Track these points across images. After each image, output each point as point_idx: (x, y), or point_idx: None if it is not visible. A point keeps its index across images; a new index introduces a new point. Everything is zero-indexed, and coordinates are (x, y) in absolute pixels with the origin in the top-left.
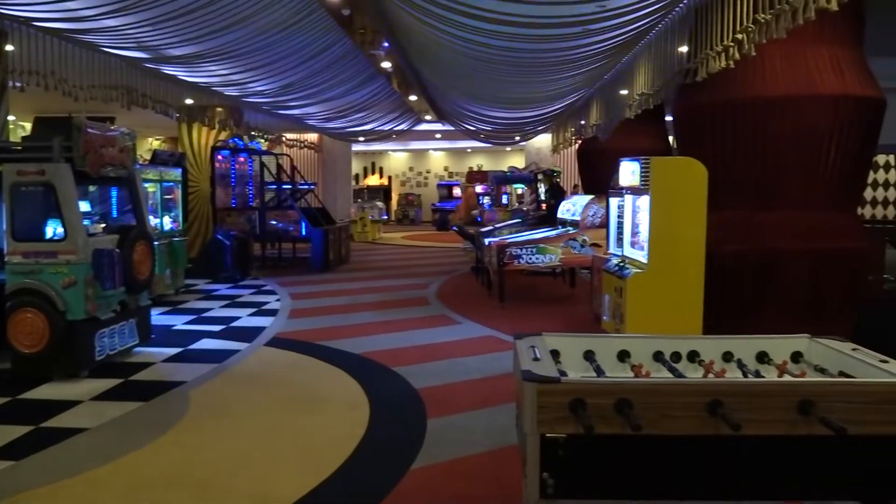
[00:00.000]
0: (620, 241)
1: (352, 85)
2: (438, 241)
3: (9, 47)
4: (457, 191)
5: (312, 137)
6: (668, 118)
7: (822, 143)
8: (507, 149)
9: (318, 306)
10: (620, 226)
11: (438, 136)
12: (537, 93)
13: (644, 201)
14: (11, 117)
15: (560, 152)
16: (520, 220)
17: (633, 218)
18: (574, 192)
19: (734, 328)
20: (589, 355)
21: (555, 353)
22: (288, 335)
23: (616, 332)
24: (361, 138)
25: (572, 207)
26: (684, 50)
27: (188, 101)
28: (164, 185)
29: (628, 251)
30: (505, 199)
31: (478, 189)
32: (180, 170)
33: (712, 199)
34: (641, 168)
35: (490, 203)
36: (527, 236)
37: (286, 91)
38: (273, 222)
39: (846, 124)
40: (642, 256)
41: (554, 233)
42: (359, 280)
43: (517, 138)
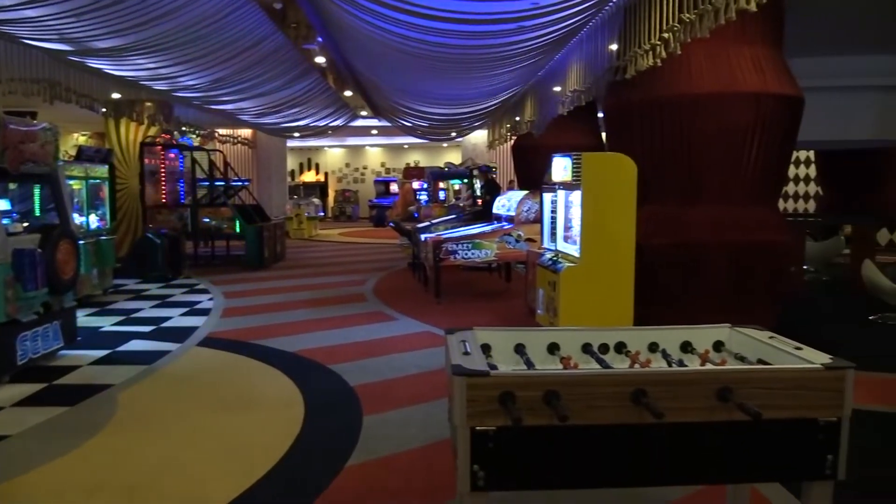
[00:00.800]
0: (554, 235)
1: (285, 80)
2: (375, 237)
3: None
4: (394, 187)
5: (246, 133)
6: (601, 115)
7: (744, 140)
8: (444, 145)
9: (253, 305)
10: (554, 221)
11: (375, 132)
12: (472, 89)
13: (576, 196)
14: None
15: (496, 148)
16: (456, 216)
17: (566, 213)
18: (510, 188)
19: (663, 319)
20: (519, 348)
21: (486, 348)
22: (221, 334)
23: (550, 325)
24: (296, 134)
25: (507, 203)
26: (614, 48)
27: (115, 96)
28: (91, 183)
29: (561, 245)
30: (442, 195)
31: (415, 185)
32: (107, 166)
33: (641, 193)
34: (573, 163)
35: (427, 199)
36: (462, 232)
37: (217, 86)
38: (206, 220)
39: (766, 121)
40: (575, 251)
41: (489, 228)
42: (294, 277)
43: (453, 134)
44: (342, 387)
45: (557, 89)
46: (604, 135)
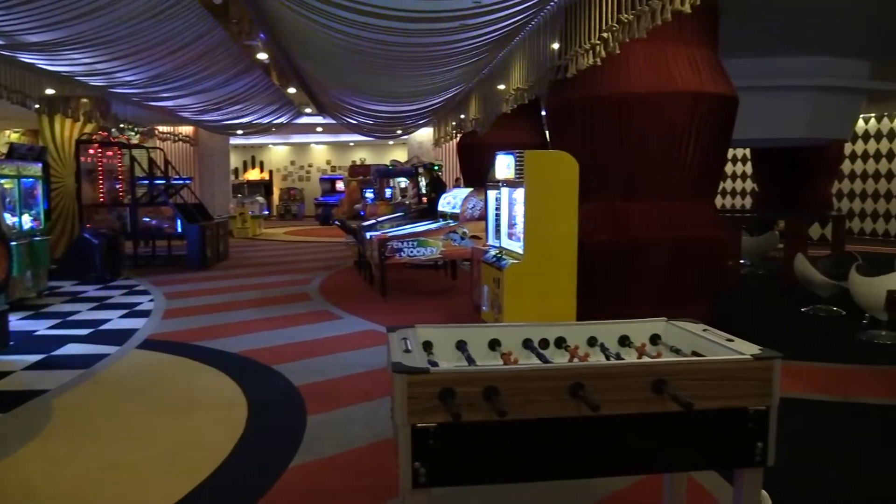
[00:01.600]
0: (498, 232)
1: (227, 76)
2: (321, 235)
3: None
4: (340, 185)
5: (187, 130)
6: (544, 113)
7: (681, 138)
8: (390, 142)
9: (195, 305)
10: (498, 218)
11: (320, 129)
12: (416, 86)
13: (520, 194)
14: None
15: (442, 146)
16: (402, 214)
17: (510, 210)
18: (456, 186)
19: (605, 314)
20: (461, 345)
21: (427, 345)
22: (162, 336)
23: (495, 321)
24: (239, 131)
25: (452, 200)
26: (556, 47)
27: (49, 92)
28: (23, 181)
29: (506, 242)
30: (388, 192)
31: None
32: (41, 164)
33: (583, 190)
34: (516, 161)
35: (373, 197)
36: (408, 230)
37: (157, 82)
38: (146, 219)
39: (703, 120)
40: (518, 248)
41: (435, 226)
42: (238, 277)
43: (399, 132)
44: (286, 387)
45: (501, 87)
46: (547, 133)
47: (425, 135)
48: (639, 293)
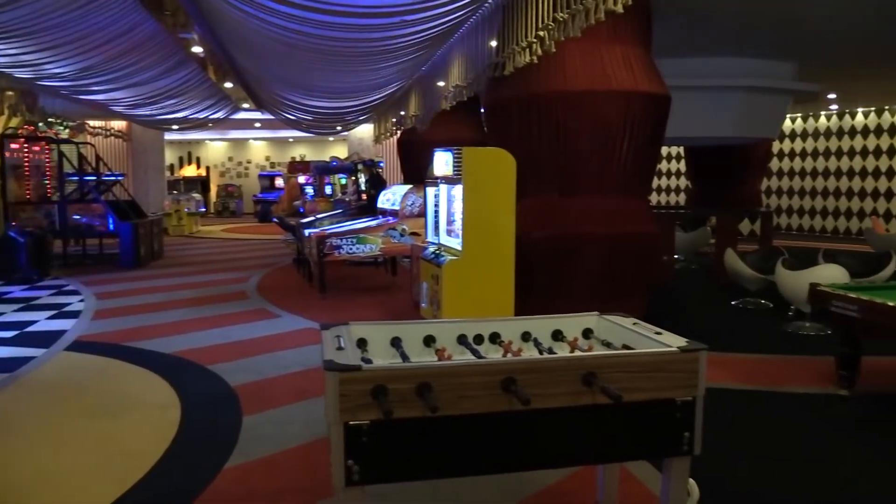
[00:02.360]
0: (437, 229)
1: (160, 70)
2: (260, 233)
3: None
4: (279, 181)
5: (120, 125)
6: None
7: (615, 135)
8: (330, 139)
9: (127, 305)
10: (437, 215)
11: (258, 125)
12: (356, 82)
13: (458, 190)
14: None
15: (382, 143)
16: (342, 211)
17: (449, 207)
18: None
19: (543, 309)
20: (396, 342)
21: (362, 342)
22: (92, 338)
23: (434, 318)
24: (175, 127)
25: (392, 197)
26: (494, 45)
27: None
28: None
29: (445, 239)
30: (329, 189)
31: (300, 179)
32: None
33: (521, 187)
34: (454, 158)
35: (313, 194)
36: (347, 227)
37: (86, 74)
38: (76, 217)
39: (636, 118)
40: (457, 244)
41: (374, 223)
42: (173, 276)
43: (339, 128)
44: (221, 387)
45: (441, 84)
46: (486, 130)
47: (366, 131)
48: (576, 288)
